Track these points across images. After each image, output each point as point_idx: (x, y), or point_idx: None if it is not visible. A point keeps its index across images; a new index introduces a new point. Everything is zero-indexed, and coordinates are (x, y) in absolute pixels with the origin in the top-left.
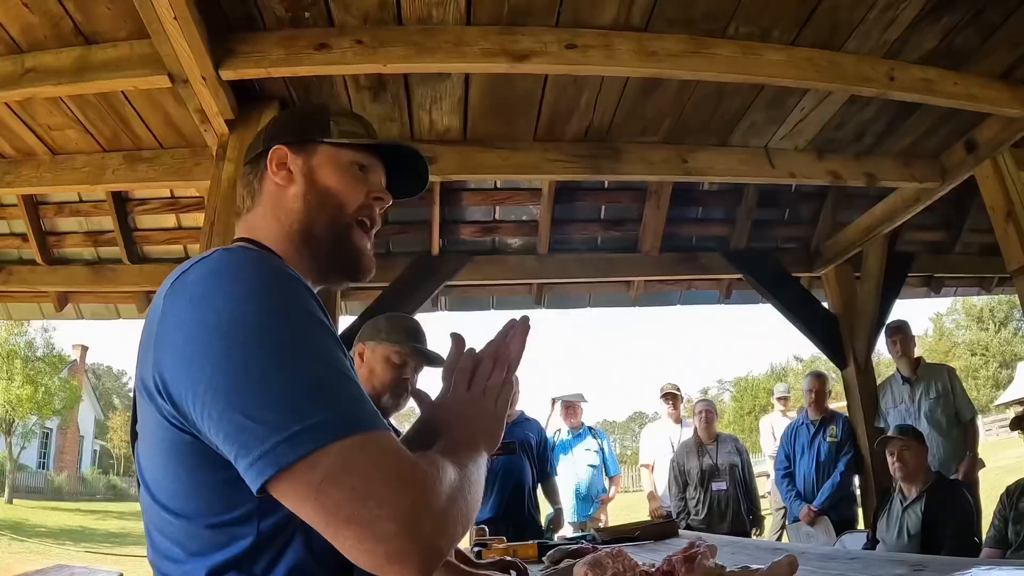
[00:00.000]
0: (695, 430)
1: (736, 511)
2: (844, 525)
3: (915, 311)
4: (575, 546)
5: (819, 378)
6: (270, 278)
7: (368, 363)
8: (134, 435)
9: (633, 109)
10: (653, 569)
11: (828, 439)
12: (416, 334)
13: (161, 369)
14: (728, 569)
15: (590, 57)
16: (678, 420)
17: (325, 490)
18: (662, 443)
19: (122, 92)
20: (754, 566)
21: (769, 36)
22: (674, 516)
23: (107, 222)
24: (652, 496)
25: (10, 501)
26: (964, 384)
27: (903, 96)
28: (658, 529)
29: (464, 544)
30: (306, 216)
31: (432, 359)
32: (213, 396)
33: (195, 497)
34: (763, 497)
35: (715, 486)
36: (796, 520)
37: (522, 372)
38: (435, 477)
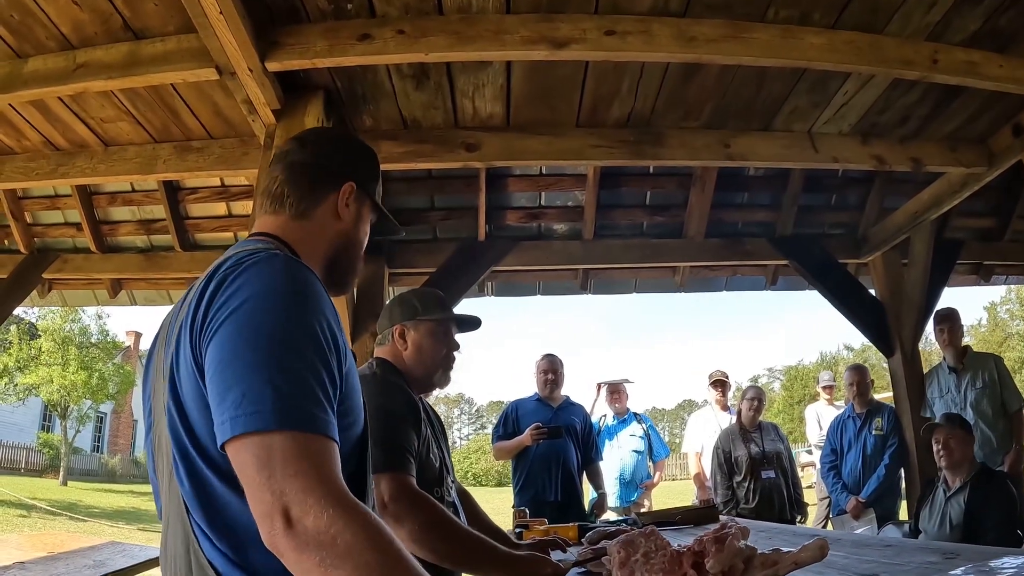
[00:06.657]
0: (739, 416)
1: (784, 499)
2: (887, 518)
3: (968, 299)
4: (613, 528)
5: (858, 371)
6: (306, 292)
7: (414, 341)
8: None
9: (674, 94)
10: (684, 549)
11: (874, 432)
12: (448, 303)
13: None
14: (759, 552)
15: (629, 43)
16: (725, 407)
17: (259, 465)
18: (711, 429)
19: (171, 85)
20: (785, 549)
21: (809, 19)
22: (719, 505)
23: (159, 210)
24: (700, 480)
25: (64, 483)
26: (1015, 375)
27: (947, 79)
28: (698, 514)
29: (506, 526)
30: (341, 251)
31: (470, 323)
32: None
33: None
34: (810, 487)
35: (765, 474)
36: (842, 512)
37: (566, 357)
38: (355, 527)
